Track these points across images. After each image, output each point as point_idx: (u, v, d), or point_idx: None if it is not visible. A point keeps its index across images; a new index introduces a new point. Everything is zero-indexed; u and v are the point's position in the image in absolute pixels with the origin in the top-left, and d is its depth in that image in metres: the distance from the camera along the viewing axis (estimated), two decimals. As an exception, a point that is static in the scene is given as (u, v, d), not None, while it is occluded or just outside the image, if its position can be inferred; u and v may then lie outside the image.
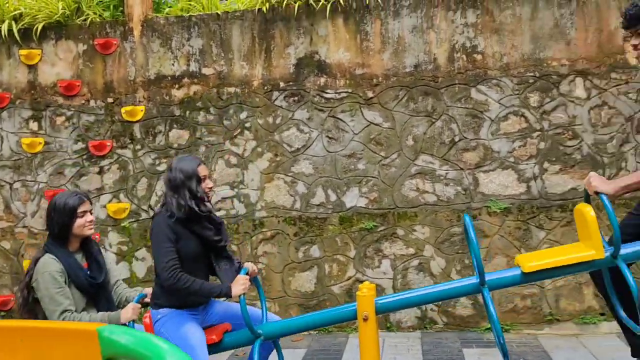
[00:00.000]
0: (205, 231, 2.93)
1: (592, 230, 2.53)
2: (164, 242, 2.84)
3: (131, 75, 5.13)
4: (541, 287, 4.56)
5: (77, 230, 2.94)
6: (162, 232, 2.85)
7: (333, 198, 4.87)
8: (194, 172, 2.92)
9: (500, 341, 2.50)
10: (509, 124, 4.67)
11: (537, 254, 2.91)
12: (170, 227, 2.86)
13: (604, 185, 2.56)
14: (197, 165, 2.96)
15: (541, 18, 4.61)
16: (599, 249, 2.52)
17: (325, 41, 4.90)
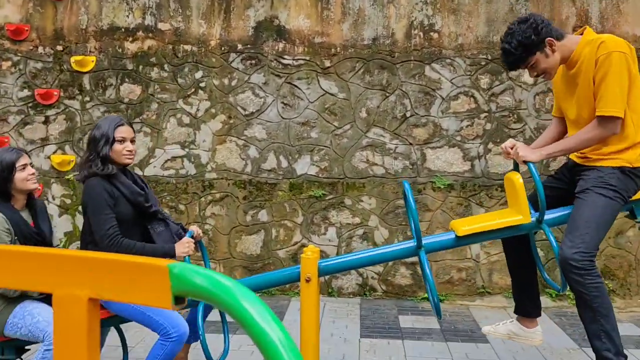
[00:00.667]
0: (136, 197, 2.90)
1: (519, 197, 2.69)
2: (103, 207, 2.80)
3: (83, 24, 4.96)
4: (476, 261, 4.80)
5: (20, 185, 2.87)
6: (100, 197, 2.80)
7: (284, 164, 4.92)
8: (107, 133, 2.85)
9: (435, 300, 2.65)
10: (459, 103, 4.82)
11: (470, 219, 3.06)
12: (107, 191, 2.81)
13: (531, 154, 2.70)
14: (115, 125, 2.88)
15: (497, 2, 4.74)
16: (526, 214, 2.68)
17: (286, 6, 4.87)
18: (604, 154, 2.66)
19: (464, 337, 4.00)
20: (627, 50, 2.58)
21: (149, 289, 0.80)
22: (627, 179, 2.63)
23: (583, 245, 2.50)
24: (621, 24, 4.73)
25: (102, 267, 0.82)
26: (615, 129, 2.59)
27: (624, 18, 4.73)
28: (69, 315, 0.83)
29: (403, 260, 4.83)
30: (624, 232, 4.71)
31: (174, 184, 4.93)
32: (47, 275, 0.84)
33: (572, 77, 2.71)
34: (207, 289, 0.77)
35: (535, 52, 2.63)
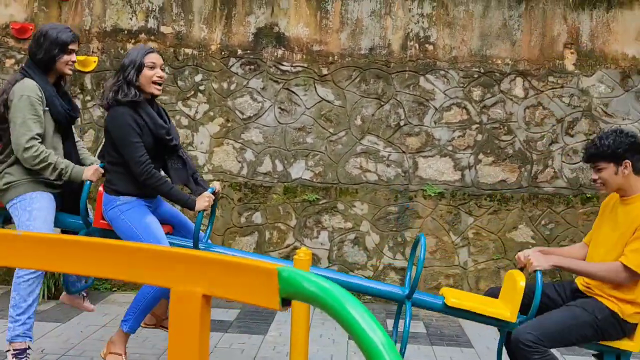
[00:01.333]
0: (158, 129, 2.96)
1: (516, 297, 2.81)
2: (133, 136, 2.85)
3: (87, 25, 5.06)
4: (464, 268, 4.92)
5: (60, 66, 2.97)
6: (128, 125, 2.85)
7: (280, 168, 5.03)
8: (135, 59, 2.90)
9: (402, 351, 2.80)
10: (452, 114, 4.95)
11: (462, 293, 3.19)
12: (134, 119, 2.87)
13: (543, 263, 2.79)
14: (145, 52, 2.94)
15: (491, 17, 4.88)
16: (514, 314, 2.81)
17: (286, 14, 5.00)
18: (607, 294, 2.78)
19: (449, 341, 4.11)
20: None
21: (258, 290, 0.85)
22: (613, 323, 2.75)
23: (539, 331, 2.59)
24: (611, 42, 4.88)
25: (216, 267, 0.88)
26: (627, 281, 2.72)
27: (614, 37, 4.88)
28: (185, 309, 0.89)
29: (393, 266, 4.95)
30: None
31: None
32: (167, 271, 0.91)
33: (621, 212, 2.85)
34: (313, 293, 0.80)
35: (611, 161, 2.79)
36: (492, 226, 4.89)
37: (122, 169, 2.94)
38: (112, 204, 2.95)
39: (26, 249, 0.97)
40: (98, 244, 0.97)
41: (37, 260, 0.99)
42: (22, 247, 0.98)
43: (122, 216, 2.92)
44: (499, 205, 4.89)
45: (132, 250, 0.94)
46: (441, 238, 4.92)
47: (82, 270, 0.99)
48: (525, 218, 4.87)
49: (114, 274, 0.98)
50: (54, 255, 0.96)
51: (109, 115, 2.94)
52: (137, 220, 2.91)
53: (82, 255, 0.95)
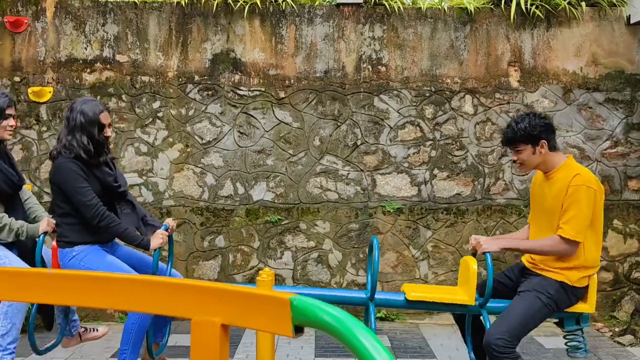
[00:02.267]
0: (105, 176, 3.01)
1: (470, 281, 3.00)
2: (80, 181, 2.89)
3: (41, 56, 5.05)
4: (425, 280, 5.06)
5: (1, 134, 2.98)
6: (74, 172, 2.89)
7: (241, 191, 5.09)
8: (96, 118, 2.96)
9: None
10: (406, 132, 5.12)
11: (422, 286, 3.39)
12: (80, 168, 2.90)
13: (492, 246, 3.01)
14: (100, 112, 2.99)
15: (439, 39, 5.10)
16: (472, 297, 3.00)
17: (241, 40, 5.10)
18: (552, 267, 3.00)
19: (413, 353, 4.22)
20: (597, 188, 2.97)
21: (272, 318, 0.89)
22: (564, 293, 2.97)
23: (507, 334, 2.81)
24: (552, 59, 5.15)
25: (233, 298, 0.92)
26: (573, 252, 2.94)
27: (554, 54, 5.16)
28: (205, 338, 0.93)
29: (356, 282, 5.05)
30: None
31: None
32: (187, 303, 0.96)
33: (547, 187, 3.08)
34: (324, 320, 0.86)
35: (529, 143, 3.02)
36: (450, 238, 5.06)
37: (72, 219, 2.97)
38: (69, 255, 2.97)
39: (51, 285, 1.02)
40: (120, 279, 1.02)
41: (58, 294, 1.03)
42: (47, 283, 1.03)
43: (82, 264, 2.92)
44: (455, 218, 5.06)
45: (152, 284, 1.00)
46: (402, 252, 5.06)
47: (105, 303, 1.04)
48: (481, 229, 5.05)
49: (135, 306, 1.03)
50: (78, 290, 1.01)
51: (54, 167, 2.97)
52: (98, 263, 2.92)
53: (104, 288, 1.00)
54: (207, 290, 0.95)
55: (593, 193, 2.95)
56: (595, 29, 5.14)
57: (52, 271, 1.07)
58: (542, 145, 3.02)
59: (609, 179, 5.13)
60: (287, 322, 0.90)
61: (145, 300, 0.99)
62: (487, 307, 3.06)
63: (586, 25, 5.14)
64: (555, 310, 2.98)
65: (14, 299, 1.07)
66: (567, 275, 2.97)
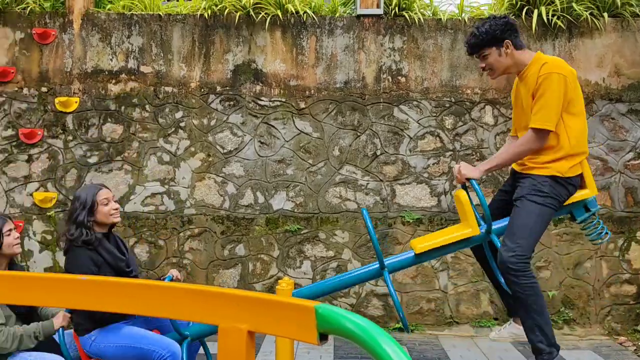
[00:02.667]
0: (117, 262, 3.04)
1: (467, 212, 2.96)
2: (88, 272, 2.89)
3: (67, 67, 5.17)
4: (444, 292, 5.03)
5: (7, 250, 2.97)
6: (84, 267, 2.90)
7: (261, 200, 5.14)
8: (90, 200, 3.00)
9: (400, 314, 2.91)
10: (426, 142, 5.12)
11: (427, 237, 3.29)
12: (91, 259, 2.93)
13: (472, 172, 2.98)
14: (95, 192, 3.04)
15: (459, 49, 5.11)
16: (474, 227, 2.96)
17: (263, 51, 5.17)
18: (539, 163, 2.93)
19: (432, 364, 4.20)
20: (567, 73, 2.89)
21: (297, 326, 0.92)
22: (558, 186, 2.90)
23: (519, 249, 2.77)
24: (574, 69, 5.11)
25: (259, 305, 0.95)
26: (543, 142, 2.86)
27: (576, 64, 5.12)
28: (232, 345, 0.95)
29: (375, 292, 5.04)
30: (582, 263, 5.01)
31: (153, 220, 5.10)
32: (214, 310, 0.98)
33: (522, 87, 3.01)
34: (348, 328, 0.88)
35: (493, 45, 2.95)
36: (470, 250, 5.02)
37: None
38: (89, 340, 2.97)
39: (80, 290, 1.05)
40: (150, 285, 1.05)
41: (94, 300, 1.07)
42: (79, 289, 1.06)
43: (104, 343, 2.93)
44: (475, 229, 5.04)
45: (182, 291, 1.02)
46: (421, 263, 5.04)
47: (136, 309, 1.07)
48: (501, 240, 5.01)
49: (164, 312, 1.06)
50: (110, 295, 1.05)
51: (67, 257, 3.00)
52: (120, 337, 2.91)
53: (136, 295, 1.03)
54: (234, 297, 0.97)
55: (563, 78, 2.84)
56: (618, 39, 5.10)
57: (84, 278, 1.10)
58: (507, 46, 2.94)
59: (632, 190, 5.06)
60: (312, 330, 0.92)
61: (173, 307, 1.01)
62: (495, 230, 3.00)
63: (609, 36, 5.10)
64: (557, 206, 2.90)
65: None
66: (556, 168, 2.88)
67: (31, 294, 1.12)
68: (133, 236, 5.07)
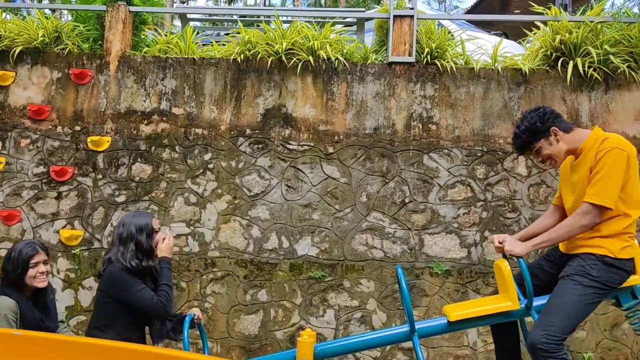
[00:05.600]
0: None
1: (508, 284, 2.81)
2: (136, 283, 2.98)
3: (102, 107, 5.27)
4: (473, 349, 4.80)
5: (28, 281, 3.05)
6: (129, 277, 2.99)
7: (286, 245, 5.05)
8: (147, 224, 3.09)
9: None
10: (456, 191, 5.00)
11: (462, 304, 3.16)
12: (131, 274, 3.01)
13: (517, 248, 2.85)
14: (150, 219, 3.14)
15: (492, 99, 5.04)
16: (515, 301, 2.79)
17: (293, 96, 5.18)
18: (588, 243, 2.77)
19: None
20: (629, 150, 2.77)
21: None
22: (609, 270, 2.72)
23: (551, 329, 2.59)
24: (610, 122, 4.99)
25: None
26: (598, 219, 2.72)
27: (613, 117, 4.99)
28: None
29: (400, 346, 4.84)
30: (620, 324, 4.74)
31: (177, 261, 5.04)
32: None
33: (576, 166, 2.91)
34: None
35: (540, 138, 2.87)
36: (501, 305, 4.81)
37: (111, 334, 2.99)
38: None
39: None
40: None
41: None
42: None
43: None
44: (506, 284, 4.83)
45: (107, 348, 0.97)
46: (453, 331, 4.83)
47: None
48: (534, 296, 4.79)
49: None
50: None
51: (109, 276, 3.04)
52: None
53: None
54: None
55: (625, 155, 2.70)
56: (657, 92, 4.96)
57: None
58: (555, 133, 2.84)
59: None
60: None
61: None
62: (535, 307, 2.83)
63: (647, 88, 4.97)
64: (605, 290, 2.70)
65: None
66: (608, 247, 2.70)
67: None
68: (155, 277, 5.01)
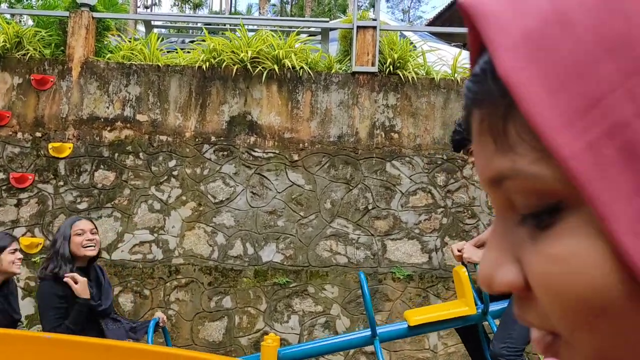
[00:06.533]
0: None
1: (466, 290, 2.93)
2: (50, 310, 2.96)
3: (63, 113, 5.21)
4: (434, 352, 4.92)
5: (6, 267, 3.05)
6: (49, 300, 2.96)
7: (250, 251, 5.08)
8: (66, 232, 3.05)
9: None
10: (417, 198, 5.13)
11: (422, 309, 3.28)
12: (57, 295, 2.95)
13: (475, 255, 2.96)
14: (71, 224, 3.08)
15: (451, 108, 5.20)
16: (472, 306, 2.91)
17: (258, 104, 5.24)
18: None
19: None
20: None
21: None
22: None
23: (510, 341, 2.71)
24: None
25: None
26: None
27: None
28: None
29: (363, 350, 4.92)
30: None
31: (140, 269, 5.01)
32: None
33: None
34: None
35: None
36: (461, 308, 4.95)
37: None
38: None
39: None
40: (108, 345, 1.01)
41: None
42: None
43: None
44: (466, 287, 4.98)
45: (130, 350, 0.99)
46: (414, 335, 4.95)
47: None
48: (492, 300, 4.96)
49: None
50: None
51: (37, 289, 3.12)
52: None
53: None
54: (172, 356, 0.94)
55: None
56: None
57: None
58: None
59: None
60: None
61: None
62: (491, 312, 2.95)
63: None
64: None
65: None
66: None
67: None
68: (118, 285, 4.97)
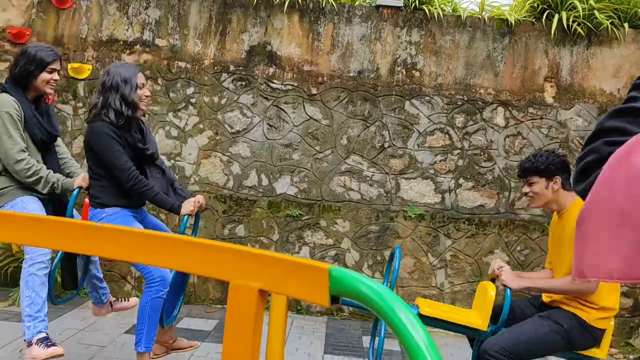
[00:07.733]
0: (135, 141, 3.06)
1: (486, 307, 2.95)
2: (114, 145, 2.94)
3: (83, 34, 5.16)
4: (440, 289, 5.02)
5: (39, 84, 2.98)
6: (109, 136, 2.94)
7: (265, 183, 5.13)
8: (130, 78, 3.02)
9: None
10: (434, 138, 5.10)
11: (436, 304, 3.33)
12: (114, 132, 2.96)
13: (512, 282, 2.96)
14: (135, 72, 3.07)
15: (476, 48, 5.08)
16: (485, 323, 2.95)
17: (279, 34, 5.14)
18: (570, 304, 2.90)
19: (422, 359, 4.19)
20: None
21: (309, 287, 0.91)
22: (580, 330, 2.85)
23: (505, 343, 2.71)
24: (589, 77, 5.08)
25: (272, 264, 0.94)
26: (592, 289, 2.84)
27: (593, 72, 5.09)
28: (242, 302, 0.95)
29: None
30: (580, 272, 4.98)
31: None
32: (226, 266, 0.98)
33: (559, 227, 3.04)
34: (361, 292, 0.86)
35: (543, 176, 3.00)
36: (469, 249, 5.02)
37: (105, 182, 3.03)
38: (98, 216, 3.03)
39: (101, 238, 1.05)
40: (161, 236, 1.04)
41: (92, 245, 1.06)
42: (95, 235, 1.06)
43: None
44: (476, 230, 5.02)
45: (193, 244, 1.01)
46: (419, 259, 5.04)
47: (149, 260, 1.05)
48: (502, 243, 5.01)
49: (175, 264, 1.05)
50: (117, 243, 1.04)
51: (89, 130, 3.02)
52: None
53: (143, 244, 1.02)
54: (247, 254, 0.96)
55: None
56: (637, 51, 5.05)
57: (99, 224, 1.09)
58: (556, 182, 2.99)
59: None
60: (324, 292, 0.90)
61: (185, 259, 1.00)
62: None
63: (627, 47, 5.06)
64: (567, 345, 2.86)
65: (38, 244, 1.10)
66: (587, 312, 2.87)
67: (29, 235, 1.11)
68: (135, 208, 5.07)
